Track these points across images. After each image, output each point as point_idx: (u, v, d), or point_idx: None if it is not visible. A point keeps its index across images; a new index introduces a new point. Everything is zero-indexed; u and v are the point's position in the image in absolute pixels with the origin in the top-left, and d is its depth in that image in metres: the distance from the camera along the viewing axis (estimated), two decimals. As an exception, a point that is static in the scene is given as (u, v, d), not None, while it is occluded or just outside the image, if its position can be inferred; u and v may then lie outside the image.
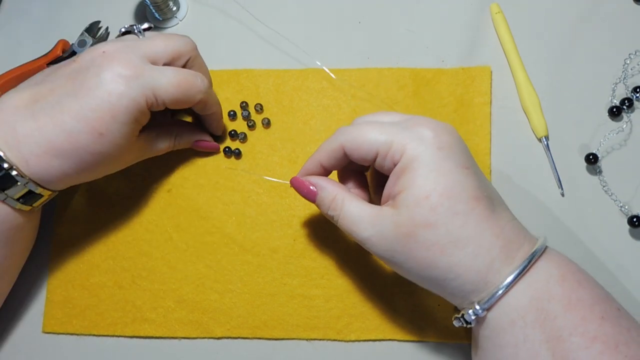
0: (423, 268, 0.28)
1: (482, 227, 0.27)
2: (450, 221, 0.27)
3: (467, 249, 0.27)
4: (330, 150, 0.32)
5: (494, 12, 0.43)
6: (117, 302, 0.39)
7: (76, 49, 0.46)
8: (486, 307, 0.27)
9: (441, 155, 0.28)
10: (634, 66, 0.41)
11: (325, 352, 0.37)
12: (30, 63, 0.45)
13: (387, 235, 0.29)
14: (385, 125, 0.30)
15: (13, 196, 0.31)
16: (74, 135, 0.31)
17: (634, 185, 0.39)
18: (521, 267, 0.27)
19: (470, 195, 0.28)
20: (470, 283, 0.28)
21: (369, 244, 0.30)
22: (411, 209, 0.28)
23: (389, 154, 0.29)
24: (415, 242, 0.28)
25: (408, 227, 0.28)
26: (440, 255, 0.27)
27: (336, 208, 0.31)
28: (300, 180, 0.33)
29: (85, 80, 0.31)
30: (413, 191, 0.28)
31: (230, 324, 0.38)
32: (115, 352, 0.38)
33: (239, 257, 0.39)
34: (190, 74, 0.35)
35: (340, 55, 0.44)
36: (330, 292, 0.38)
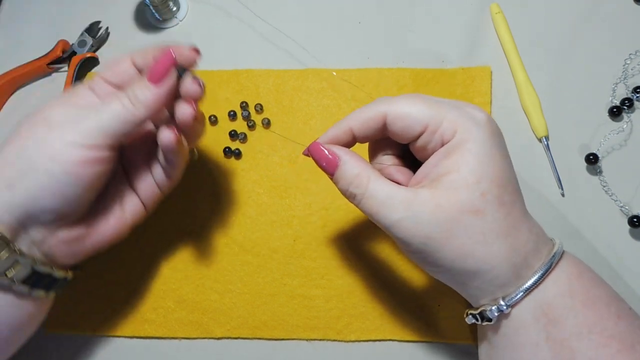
0: (458, 257, 0.26)
1: (522, 220, 0.27)
2: (497, 210, 0.26)
3: (508, 240, 0.26)
4: (368, 118, 0.28)
5: (494, 12, 0.43)
6: (117, 302, 0.39)
7: (76, 49, 0.46)
8: (512, 303, 0.26)
9: (493, 142, 0.26)
10: (634, 66, 0.41)
11: (325, 352, 0.37)
12: (30, 63, 0.45)
13: (424, 219, 0.26)
14: (433, 100, 0.27)
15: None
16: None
17: (634, 185, 0.39)
18: (549, 263, 0.26)
19: (513, 187, 0.27)
20: (502, 276, 0.26)
21: (399, 229, 0.26)
22: (459, 192, 0.26)
23: (440, 130, 0.26)
24: (458, 229, 0.26)
25: (453, 211, 0.25)
26: (481, 244, 0.26)
27: (360, 185, 0.27)
28: (319, 146, 0.29)
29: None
30: (463, 174, 0.26)
31: (230, 324, 0.38)
32: (115, 352, 0.38)
33: (239, 257, 0.39)
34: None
35: (340, 55, 0.44)
36: (330, 292, 0.38)
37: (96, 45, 0.46)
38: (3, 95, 0.45)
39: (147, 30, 0.47)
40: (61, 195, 0.28)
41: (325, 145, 0.29)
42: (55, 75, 0.46)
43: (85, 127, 0.28)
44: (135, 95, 0.29)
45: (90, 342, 0.38)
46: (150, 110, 0.29)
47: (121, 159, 0.33)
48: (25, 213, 0.28)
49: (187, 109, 0.31)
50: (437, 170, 0.27)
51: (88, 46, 0.46)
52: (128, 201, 0.33)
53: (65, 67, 0.46)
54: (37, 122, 0.29)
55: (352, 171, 0.28)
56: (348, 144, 0.30)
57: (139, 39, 0.47)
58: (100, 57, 0.46)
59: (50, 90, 0.45)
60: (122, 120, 0.29)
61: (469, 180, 0.26)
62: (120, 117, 0.29)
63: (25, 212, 0.28)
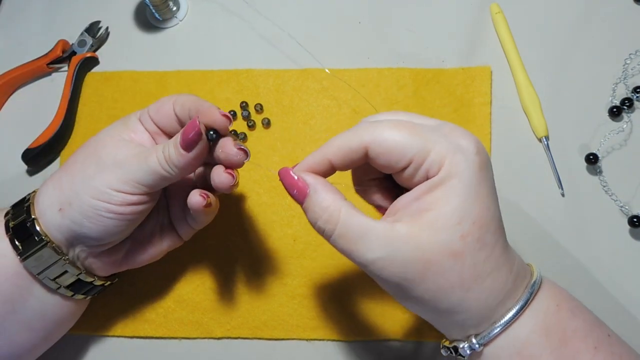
0: (433, 298, 0.25)
1: (501, 261, 0.25)
2: (477, 253, 0.24)
3: (484, 284, 0.25)
4: (348, 148, 0.26)
5: (494, 12, 0.43)
6: (117, 303, 0.39)
7: (76, 48, 0.46)
8: (484, 342, 0.26)
9: (480, 177, 0.25)
10: (634, 66, 0.41)
11: (325, 352, 0.37)
12: (30, 63, 0.45)
13: (401, 259, 0.24)
14: (419, 128, 0.25)
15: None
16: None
17: (634, 185, 0.39)
18: (523, 302, 0.25)
19: (496, 226, 0.25)
20: (475, 318, 0.25)
21: (374, 268, 0.25)
22: (439, 232, 0.24)
23: (425, 164, 0.25)
24: (436, 271, 0.24)
25: (431, 253, 0.24)
26: (458, 288, 0.25)
27: (330, 220, 0.25)
28: (289, 172, 0.27)
29: None
30: (445, 213, 0.24)
31: (230, 324, 0.38)
32: (115, 352, 0.38)
33: (239, 258, 0.39)
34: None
35: (340, 55, 0.44)
36: (331, 292, 0.38)
37: (96, 45, 0.46)
38: (3, 95, 0.45)
39: (147, 30, 0.47)
40: (103, 226, 0.31)
41: (297, 171, 0.27)
42: (55, 75, 0.46)
43: (127, 177, 0.30)
44: (169, 155, 0.30)
45: (91, 342, 0.38)
46: (182, 171, 0.30)
47: (165, 192, 0.36)
48: (72, 234, 0.31)
49: (226, 178, 0.31)
50: (418, 205, 0.25)
51: (88, 46, 0.46)
52: (167, 232, 0.36)
53: (65, 67, 0.46)
54: (90, 157, 0.31)
55: (322, 203, 0.26)
56: (326, 174, 0.28)
57: (139, 38, 0.47)
58: (100, 57, 0.46)
59: (50, 90, 0.45)
60: (158, 176, 0.30)
61: (450, 221, 0.24)
62: (157, 174, 0.30)
63: (72, 233, 0.31)
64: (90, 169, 0.31)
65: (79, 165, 0.31)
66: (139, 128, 0.33)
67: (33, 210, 0.31)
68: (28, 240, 0.31)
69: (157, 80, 0.44)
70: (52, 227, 0.31)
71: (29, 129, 0.43)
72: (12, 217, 0.32)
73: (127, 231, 0.32)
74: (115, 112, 0.43)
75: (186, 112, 0.31)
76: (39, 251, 0.31)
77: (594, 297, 0.36)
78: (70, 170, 0.31)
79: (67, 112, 0.43)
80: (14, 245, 0.31)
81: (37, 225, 0.31)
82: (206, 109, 0.30)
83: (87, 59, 0.45)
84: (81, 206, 0.30)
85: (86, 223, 0.30)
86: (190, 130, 0.29)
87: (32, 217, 0.31)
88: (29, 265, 0.31)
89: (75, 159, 0.32)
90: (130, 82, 0.44)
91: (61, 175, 0.32)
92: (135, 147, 0.31)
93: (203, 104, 0.31)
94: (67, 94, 0.43)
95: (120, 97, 0.44)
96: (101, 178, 0.30)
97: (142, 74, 0.44)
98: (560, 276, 0.37)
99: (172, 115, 0.32)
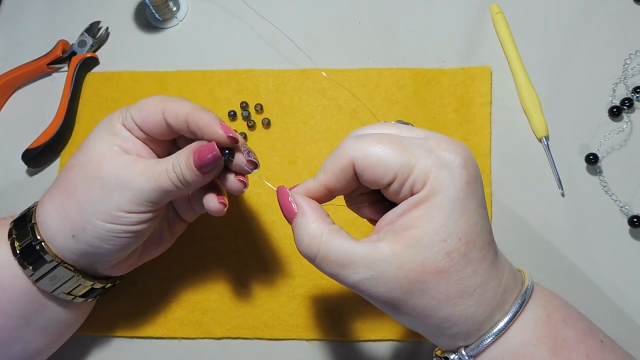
0: (420, 315, 0.25)
1: (489, 275, 0.25)
2: (463, 269, 0.24)
3: (471, 299, 0.25)
4: (339, 169, 0.26)
5: (494, 12, 0.43)
6: (117, 303, 0.39)
7: (76, 49, 0.46)
8: (474, 354, 0.25)
9: (467, 192, 0.24)
10: (634, 66, 0.41)
11: (325, 352, 0.37)
12: (30, 63, 0.45)
13: (385, 280, 0.24)
14: (404, 141, 0.25)
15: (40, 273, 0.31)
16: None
17: (634, 185, 0.38)
18: (512, 314, 0.25)
19: (484, 240, 0.25)
20: (464, 332, 0.25)
21: (362, 288, 0.25)
22: (422, 251, 0.24)
23: (409, 180, 0.24)
24: (421, 289, 0.24)
25: (416, 272, 0.24)
26: (444, 304, 0.24)
27: (311, 244, 0.26)
28: (285, 190, 0.28)
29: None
30: (429, 231, 0.24)
31: (230, 324, 0.38)
32: (115, 352, 0.38)
33: (239, 257, 0.39)
34: (170, 97, 0.32)
35: (340, 55, 0.44)
36: (330, 292, 0.38)
37: (96, 45, 0.46)
38: (3, 95, 0.45)
39: (147, 30, 0.47)
40: (116, 244, 0.31)
41: (294, 192, 0.28)
42: (55, 75, 0.46)
43: (138, 198, 0.30)
44: (182, 175, 0.30)
45: (91, 343, 0.38)
46: (195, 187, 0.31)
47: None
48: (88, 255, 0.31)
49: (237, 185, 0.32)
50: (402, 222, 0.25)
51: (88, 46, 0.46)
52: (174, 223, 0.36)
53: (65, 67, 0.46)
54: (91, 180, 0.30)
55: (306, 226, 0.26)
56: (324, 199, 0.28)
57: (139, 38, 0.47)
58: (100, 57, 0.46)
59: (50, 91, 0.45)
60: (170, 194, 0.30)
61: (434, 239, 0.24)
62: (169, 192, 0.30)
63: (88, 254, 0.31)
64: (95, 193, 0.30)
65: (82, 190, 0.30)
66: (127, 136, 0.31)
67: (38, 232, 0.31)
68: (38, 262, 0.31)
69: (157, 80, 0.44)
70: (65, 250, 0.31)
71: (29, 129, 0.43)
72: (17, 238, 0.31)
73: (140, 242, 0.33)
74: (115, 112, 0.43)
75: (182, 123, 0.30)
76: (52, 271, 0.31)
77: (593, 297, 0.36)
78: (73, 197, 0.30)
79: (67, 112, 0.43)
80: (24, 267, 0.31)
81: (47, 248, 0.31)
82: (208, 125, 0.30)
83: (87, 59, 0.45)
84: (96, 231, 0.30)
85: (103, 245, 0.31)
86: (207, 153, 0.29)
87: (40, 240, 0.31)
88: (43, 284, 0.31)
89: (73, 182, 0.31)
90: (130, 82, 0.44)
91: (63, 202, 0.31)
92: (135, 163, 0.30)
93: (201, 115, 0.30)
94: (67, 94, 0.43)
95: (120, 97, 0.44)
96: (111, 202, 0.30)
97: (142, 74, 0.44)
98: (560, 276, 0.37)
99: (163, 124, 0.31)
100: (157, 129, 0.31)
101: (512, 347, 0.25)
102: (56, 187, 0.31)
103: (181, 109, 0.30)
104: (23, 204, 0.34)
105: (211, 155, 0.29)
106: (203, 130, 0.30)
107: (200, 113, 0.30)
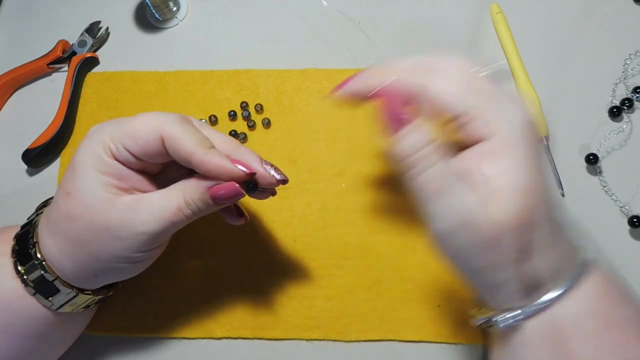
0: (485, 268, 0.25)
1: (553, 240, 0.25)
2: (532, 229, 0.24)
3: (546, 256, 0.25)
4: (408, 88, 0.26)
5: (494, 12, 0.43)
6: (117, 302, 0.39)
7: (76, 49, 0.46)
8: (524, 317, 0.25)
9: (535, 149, 0.24)
10: (634, 66, 0.41)
11: (325, 352, 0.37)
12: (30, 63, 0.45)
13: (461, 232, 0.25)
14: (473, 87, 0.25)
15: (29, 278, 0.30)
16: (54, 201, 0.30)
17: (634, 186, 0.39)
18: (569, 283, 0.25)
19: (555, 199, 0.25)
20: (522, 292, 0.25)
21: (441, 234, 0.26)
22: (498, 205, 0.23)
23: (472, 125, 0.24)
24: (500, 243, 0.24)
25: (489, 227, 0.24)
26: (510, 263, 0.24)
27: (428, 157, 0.25)
28: (393, 96, 0.26)
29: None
30: (504, 184, 0.23)
31: (231, 324, 0.38)
32: (115, 351, 0.38)
33: (238, 257, 0.39)
34: (165, 115, 0.28)
35: (341, 55, 0.44)
36: (330, 292, 0.38)
37: (96, 45, 0.46)
38: (3, 95, 0.45)
39: (147, 30, 0.47)
40: (133, 271, 0.32)
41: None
42: (55, 75, 0.46)
43: (151, 239, 0.29)
44: (197, 209, 0.29)
45: (91, 342, 0.38)
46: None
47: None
48: (105, 282, 0.33)
49: (267, 196, 0.31)
50: (478, 173, 0.24)
51: (88, 46, 0.46)
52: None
53: (65, 67, 0.46)
54: (97, 229, 0.28)
55: (421, 140, 0.25)
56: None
57: (139, 38, 0.47)
58: (100, 57, 0.46)
59: (50, 90, 0.45)
60: (178, 226, 0.30)
61: (509, 194, 0.23)
62: (181, 224, 0.29)
63: (108, 284, 0.33)
64: (106, 243, 0.29)
65: (93, 242, 0.29)
66: (121, 172, 0.29)
67: (52, 271, 0.30)
68: (58, 295, 0.31)
69: (157, 80, 0.44)
70: (86, 285, 0.32)
71: (29, 129, 0.43)
72: (27, 272, 0.30)
73: (154, 260, 0.33)
74: (115, 112, 0.43)
75: (186, 162, 0.28)
76: (72, 299, 0.31)
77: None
78: (85, 247, 0.29)
79: (67, 112, 0.43)
80: (43, 298, 0.30)
81: (64, 283, 0.30)
82: (219, 168, 0.27)
83: (87, 59, 0.45)
84: (113, 271, 0.31)
85: (121, 276, 0.32)
86: (228, 196, 0.28)
87: (55, 277, 0.30)
88: (64, 310, 0.32)
89: (80, 234, 0.29)
90: (130, 82, 0.44)
91: (76, 252, 0.29)
92: (139, 204, 0.28)
93: (210, 159, 0.27)
94: (67, 94, 0.43)
95: (120, 97, 0.44)
96: (125, 248, 0.29)
97: (142, 74, 0.44)
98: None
99: (163, 152, 0.28)
100: (158, 158, 0.29)
101: (563, 316, 0.25)
102: (62, 235, 0.29)
103: (183, 150, 0.27)
104: (23, 204, 0.34)
105: (233, 194, 0.28)
106: (214, 174, 0.28)
107: (208, 157, 0.27)
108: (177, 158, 0.28)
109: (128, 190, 0.29)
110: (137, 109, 0.43)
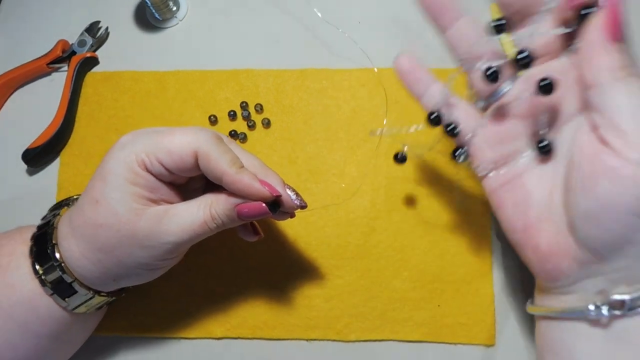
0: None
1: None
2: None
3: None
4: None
5: (494, 12, 0.43)
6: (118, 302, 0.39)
7: (76, 49, 0.46)
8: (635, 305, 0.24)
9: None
10: (634, 66, 0.41)
11: (325, 352, 0.37)
12: (30, 63, 0.45)
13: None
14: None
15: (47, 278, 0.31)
16: (79, 207, 0.30)
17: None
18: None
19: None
20: (633, 278, 0.24)
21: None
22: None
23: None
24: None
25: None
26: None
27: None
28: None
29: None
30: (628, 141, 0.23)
31: (231, 323, 0.38)
32: (115, 351, 0.38)
33: (238, 257, 0.39)
34: (201, 132, 0.29)
35: (341, 55, 0.44)
36: (330, 292, 0.38)
37: (96, 45, 0.46)
38: (3, 95, 0.45)
39: (147, 30, 0.47)
40: (151, 277, 0.33)
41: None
42: (55, 75, 0.46)
43: (177, 248, 0.30)
44: (222, 223, 0.30)
45: (91, 342, 0.38)
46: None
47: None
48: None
49: (284, 217, 0.32)
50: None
51: (88, 46, 0.46)
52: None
53: (65, 67, 0.46)
54: (126, 238, 0.29)
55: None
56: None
57: (139, 38, 0.47)
58: (100, 57, 0.46)
59: (50, 90, 0.45)
60: (201, 237, 0.31)
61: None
62: (201, 235, 0.30)
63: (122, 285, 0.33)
64: (132, 250, 0.30)
65: (119, 249, 0.30)
66: (152, 184, 0.29)
67: (69, 272, 0.31)
68: (75, 296, 0.31)
69: (157, 80, 0.44)
70: (102, 288, 0.32)
71: (29, 129, 0.43)
72: (45, 273, 0.31)
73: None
74: (115, 112, 0.43)
75: (218, 180, 0.29)
76: (89, 301, 0.32)
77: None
78: (110, 254, 0.30)
79: (67, 112, 0.43)
80: (59, 299, 0.31)
81: (82, 285, 0.31)
82: (249, 188, 0.28)
83: (87, 59, 0.45)
84: (132, 277, 0.32)
85: (138, 281, 0.33)
86: (255, 214, 0.29)
87: (73, 279, 0.31)
88: (79, 311, 0.32)
89: (106, 241, 0.30)
90: (130, 82, 0.44)
91: (100, 258, 0.30)
92: (167, 214, 0.29)
93: (242, 179, 0.28)
94: (67, 94, 0.43)
95: (120, 97, 0.44)
96: (151, 256, 0.30)
97: (142, 73, 0.44)
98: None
99: (196, 168, 0.29)
100: (188, 172, 0.30)
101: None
102: (86, 241, 0.30)
103: (216, 169, 0.29)
104: (23, 204, 0.34)
105: (259, 213, 0.29)
106: (243, 193, 0.29)
107: (239, 177, 0.28)
108: (209, 175, 0.29)
109: (156, 201, 0.30)
110: (136, 109, 0.43)
